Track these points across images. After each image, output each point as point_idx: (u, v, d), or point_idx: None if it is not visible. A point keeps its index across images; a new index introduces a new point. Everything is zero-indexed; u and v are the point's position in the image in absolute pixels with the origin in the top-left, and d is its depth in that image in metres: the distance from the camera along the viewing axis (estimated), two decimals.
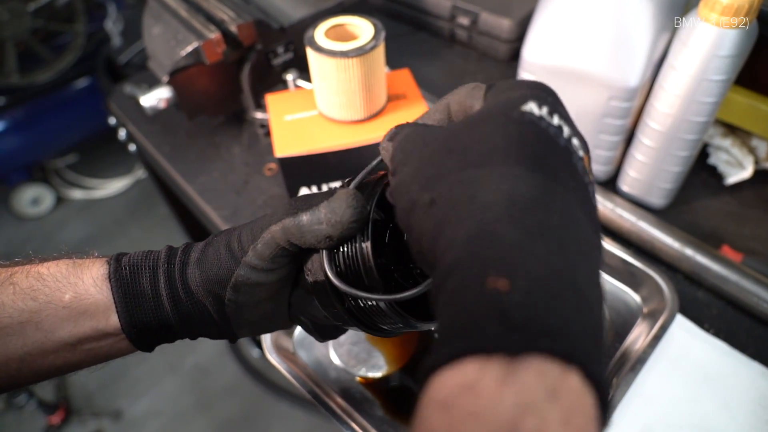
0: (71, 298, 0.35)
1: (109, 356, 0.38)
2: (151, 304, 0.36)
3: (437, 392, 0.20)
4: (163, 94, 0.79)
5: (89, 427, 1.67)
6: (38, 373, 0.36)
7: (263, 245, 0.35)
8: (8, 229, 2.29)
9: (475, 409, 0.18)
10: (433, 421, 0.19)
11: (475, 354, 0.19)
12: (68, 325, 0.35)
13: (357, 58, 0.61)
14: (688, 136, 0.61)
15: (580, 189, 0.25)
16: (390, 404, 0.57)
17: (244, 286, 0.36)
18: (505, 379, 0.19)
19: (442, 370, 0.20)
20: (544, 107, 0.26)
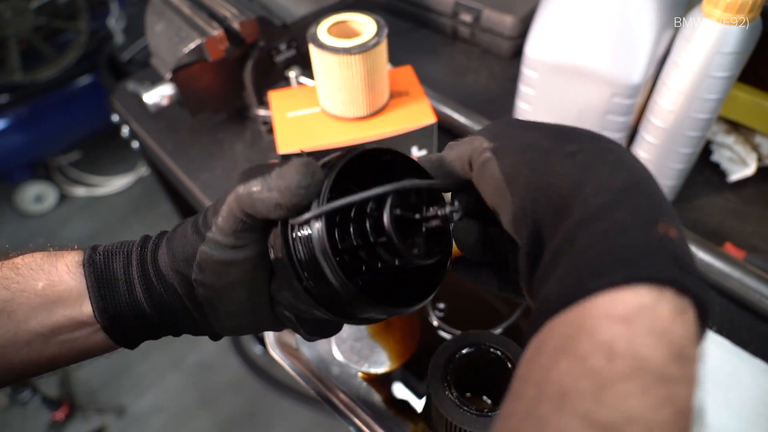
0: (44, 285, 0.34)
1: (87, 350, 0.36)
2: (123, 288, 0.35)
3: (614, 307, 0.22)
4: (166, 91, 0.79)
5: (93, 423, 1.68)
6: (12, 370, 0.34)
7: (222, 219, 0.33)
8: (11, 226, 2.30)
9: (656, 329, 0.21)
10: (612, 330, 0.21)
11: (653, 282, 0.22)
12: (41, 313, 0.34)
13: (360, 54, 0.61)
14: (691, 133, 0.61)
15: None
16: (392, 400, 0.57)
17: (208, 263, 0.33)
18: (680, 311, 0.22)
19: (614, 290, 0.22)
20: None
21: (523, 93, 0.73)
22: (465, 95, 0.89)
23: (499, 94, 0.89)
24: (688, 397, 0.21)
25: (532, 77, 0.70)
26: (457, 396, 0.46)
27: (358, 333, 0.62)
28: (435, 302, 0.64)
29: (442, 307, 0.63)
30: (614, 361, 0.21)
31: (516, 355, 0.48)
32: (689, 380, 0.21)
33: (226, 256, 0.33)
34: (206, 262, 0.33)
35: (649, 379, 0.20)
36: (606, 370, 0.21)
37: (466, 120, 0.80)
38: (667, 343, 0.21)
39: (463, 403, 0.46)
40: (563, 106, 0.69)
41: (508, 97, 0.80)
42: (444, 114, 0.82)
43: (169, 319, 0.36)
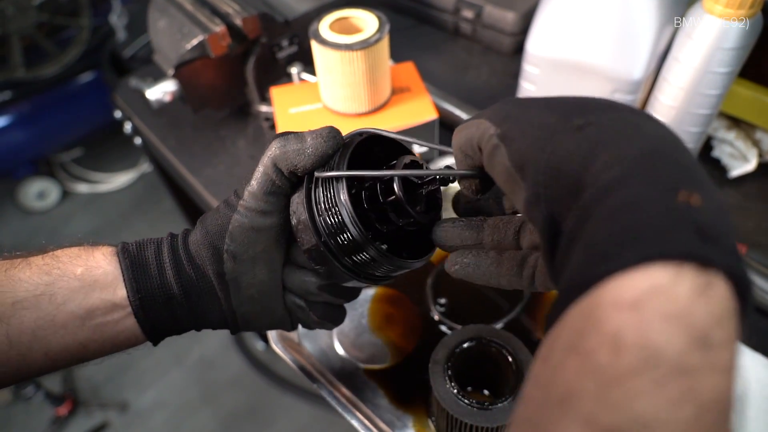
0: (83, 270, 0.37)
1: (117, 339, 0.38)
2: (154, 271, 0.38)
3: (622, 293, 0.19)
4: (169, 87, 0.79)
5: (96, 419, 1.69)
6: (48, 354, 0.36)
7: (256, 181, 0.37)
8: (15, 222, 2.31)
9: (671, 313, 0.18)
10: (618, 319, 0.19)
11: (668, 259, 0.19)
12: (78, 296, 0.36)
13: (361, 50, 0.61)
14: (691, 129, 0.61)
15: None
16: (394, 394, 0.57)
17: (239, 230, 0.37)
18: (703, 288, 0.19)
19: (624, 272, 0.19)
20: None
21: (525, 89, 0.73)
22: (466, 91, 0.89)
23: (501, 91, 0.89)
24: (714, 389, 0.18)
25: (534, 73, 0.70)
26: (457, 389, 0.46)
27: (360, 328, 0.63)
28: (436, 297, 0.64)
29: (443, 302, 0.64)
30: (621, 354, 0.18)
31: (516, 349, 0.49)
32: (716, 369, 0.18)
33: (255, 222, 0.37)
34: (237, 230, 0.38)
35: (662, 372, 0.18)
36: (612, 366, 0.18)
37: (467, 116, 0.80)
38: (686, 327, 0.18)
39: (463, 396, 0.46)
40: None
41: (510, 94, 0.80)
42: (445, 110, 0.82)
43: (195, 303, 0.39)
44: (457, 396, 0.46)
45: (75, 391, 1.74)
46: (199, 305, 0.40)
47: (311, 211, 0.36)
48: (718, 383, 0.18)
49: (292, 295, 0.43)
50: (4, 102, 1.97)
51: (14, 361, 0.35)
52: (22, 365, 0.36)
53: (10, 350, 0.35)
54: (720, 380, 0.18)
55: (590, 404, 0.18)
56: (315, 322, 0.43)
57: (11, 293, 0.35)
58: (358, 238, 0.36)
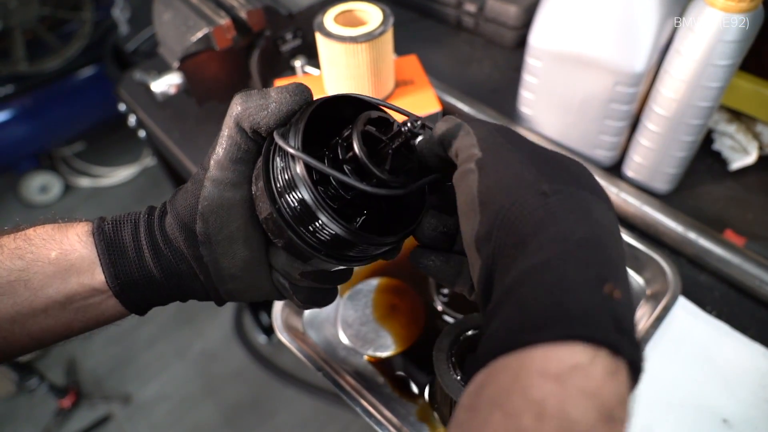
0: (57, 254, 0.35)
1: (101, 317, 0.37)
2: (132, 255, 0.36)
3: (546, 364, 0.23)
4: (174, 80, 0.80)
5: (99, 411, 1.70)
6: (31, 335, 0.35)
7: (221, 147, 0.35)
8: (17, 216, 2.32)
9: (587, 389, 0.22)
10: (543, 389, 0.22)
11: (589, 342, 0.23)
12: (56, 281, 0.35)
13: (366, 43, 0.61)
14: (693, 121, 0.62)
15: None
16: (397, 383, 0.58)
17: (209, 209, 0.35)
18: (612, 371, 0.23)
19: (552, 344, 0.23)
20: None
21: (527, 82, 0.74)
22: (469, 85, 0.89)
23: (503, 84, 0.90)
24: None
25: (536, 66, 0.71)
26: (461, 376, 0.47)
27: (364, 318, 0.64)
28: (439, 288, 0.65)
29: (446, 292, 0.64)
30: (543, 421, 0.21)
31: None
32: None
33: (225, 196, 0.35)
34: (207, 209, 0.35)
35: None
36: (534, 430, 0.21)
37: (470, 109, 0.81)
38: (598, 405, 0.22)
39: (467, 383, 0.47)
40: (566, 95, 0.70)
41: (512, 87, 0.80)
42: (448, 103, 0.82)
43: (177, 283, 0.38)
44: (461, 383, 0.47)
45: (78, 384, 1.75)
46: (181, 285, 0.38)
47: (267, 175, 0.33)
48: None
49: (277, 274, 0.40)
50: (7, 96, 1.97)
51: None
52: (5, 347, 0.35)
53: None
54: None
55: None
56: (299, 305, 0.41)
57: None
58: (309, 199, 0.32)
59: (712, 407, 0.54)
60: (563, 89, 0.70)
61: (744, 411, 0.54)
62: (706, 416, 0.54)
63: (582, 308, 0.23)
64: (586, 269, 0.25)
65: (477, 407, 0.24)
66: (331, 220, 0.32)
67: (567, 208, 0.27)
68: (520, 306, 0.25)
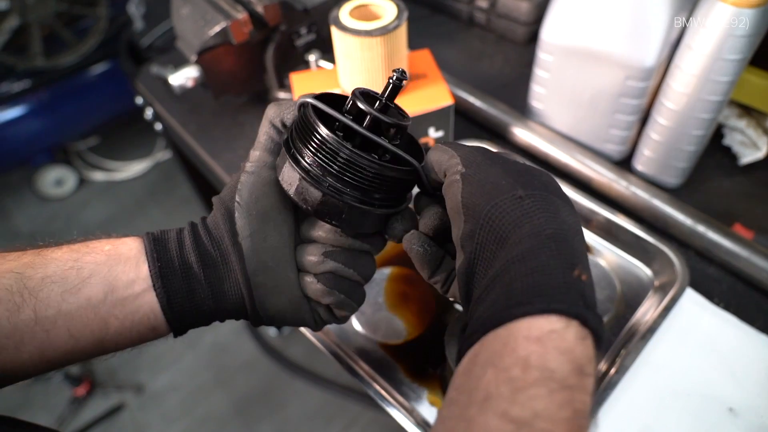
0: (110, 248, 0.39)
1: (136, 314, 0.38)
2: (174, 245, 0.40)
3: (530, 330, 0.28)
4: (191, 73, 0.82)
5: (112, 400, 1.73)
6: (71, 332, 0.37)
7: (258, 143, 0.41)
8: (32, 209, 2.36)
9: (562, 348, 0.27)
10: (528, 348, 0.27)
11: (563, 314, 0.28)
12: (104, 269, 0.38)
13: (381, 37, 0.63)
14: (702, 115, 0.63)
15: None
16: (410, 368, 0.60)
17: (246, 185, 0.40)
18: (581, 337, 0.28)
19: (533, 316, 0.28)
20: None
21: (538, 77, 0.75)
22: (480, 80, 0.91)
23: (514, 79, 0.91)
24: (585, 402, 0.26)
25: (548, 61, 0.72)
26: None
27: (376, 306, 0.65)
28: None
29: None
30: (528, 371, 0.26)
31: None
32: (586, 390, 0.27)
33: (261, 174, 0.41)
34: (245, 185, 0.41)
35: (554, 386, 0.26)
36: (521, 379, 0.26)
37: (481, 104, 0.82)
38: (571, 359, 0.27)
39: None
40: (577, 90, 0.71)
41: (523, 82, 0.81)
42: (460, 97, 0.84)
43: (211, 274, 0.40)
44: None
45: (92, 373, 1.79)
46: (215, 276, 0.40)
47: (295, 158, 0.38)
48: (586, 399, 0.27)
49: (304, 273, 0.43)
50: (24, 90, 2.00)
51: (39, 339, 0.36)
52: (46, 344, 0.36)
53: (36, 326, 0.36)
54: (587, 398, 0.27)
55: (504, 403, 0.26)
56: (323, 293, 0.42)
57: (42, 269, 0.37)
58: (329, 137, 0.37)
59: (718, 396, 0.55)
60: (574, 84, 0.71)
61: (750, 400, 0.55)
62: (713, 405, 0.55)
63: (557, 287, 0.29)
64: (558, 257, 0.30)
65: (472, 370, 0.29)
66: (351, 152, 0.37)
67: (539, 209, 0.33)
68: (506, 289, 0.30)
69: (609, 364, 0.56)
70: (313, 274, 0.42)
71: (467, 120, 0.85)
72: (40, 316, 0.36)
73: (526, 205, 0.33)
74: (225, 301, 0.41)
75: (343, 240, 0.42)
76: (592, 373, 0.28)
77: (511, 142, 0.80)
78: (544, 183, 0.35)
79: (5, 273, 0.36)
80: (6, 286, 0.35)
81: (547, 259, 0.30)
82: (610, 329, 0.61)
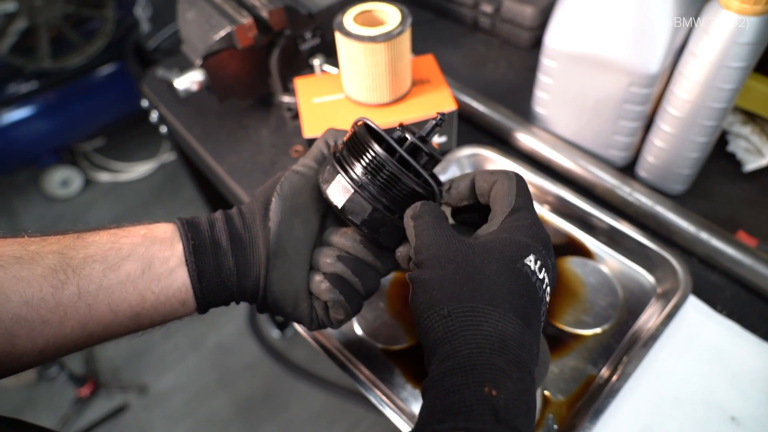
0: (145, 231, 0.42)
1: (170, 288, 0.41)
2: (206, 226, 0.44)
3: None
4: (196, 77, 0.82)
5: (116, 400, 1.74)
6: (111, 305, 0.39)
7: (309, 152, 0.48)
8: (39, 209, 2.37)
9: None
10: None
11: (470, 431, 0.30)
12: (141, 248, 0.41)
13: (384, 42, 0.63)
14: (706, 122, 0.62)
15: (539, 328, 0.38)
16: (410, 373, 0.60)
17: (289, 179, 0.46)
18: None
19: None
20: (538, 261, 0.38)
21: (542, 82, 0.75)
22: (484, 85, 0.91)
23: (518, 84, 0.91)
24: None
25: (551, 67, 0.72)
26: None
27: (378, 311, 0.65)
28: None
29: None
30: None
31: None
32: None
33: (305, 171, 0.46)
34: (287, 179, 0.46)
35: None
36: None
37: (484, 109, 0.82)
38: None
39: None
40: (581, 96, 0.71)
41: (527, 87, 0.81)
42: (463, 102, 0.84)
43: (238, 251, 0.44)
44: None
45: (96, 374, 1.80)
46: (242, 255, 0.44)
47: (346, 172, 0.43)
48: None
49: (314, 271, 0.47)
50: (31, 92, 2.02)
51: (81, 313, 0.38)
52: (87, 318, 0.39)
53: (79, 300, 0.38)
54: None
55: None
56: (326, 289, 0.46)
57: (83, 250, 0.39)
58: (380, 153, 0.42)
59: (720, 404, 0.55)
60: (578, 89, 0.71)
61: (752, 409, 0.54)
62: (715, 413, 0.54)
63: (468, 405, 0.32)
64: (469, 376, 0.33)
65: None
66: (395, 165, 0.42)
67: (460, 327, 0.35)
68: (430, 404, 0.33)
69: (611, 371, 0.56)
70: (323, 273, 0.46)
71: (471, 125, 0.85)
72: (83, 291, 0.38)
73: (448, 324, 0.35)
74: (247, 278, 0.44)
75: (360, 249, 0.46)
76: None
77: (515, 148, 0.80)
78: (482, 291, 0.36)
79: (48, 254, 0.38)
80: (50, 265, 0.38)
81: (460, 381, 0.33)
82: (613, 336, 0.61)
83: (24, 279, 0.37)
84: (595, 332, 0.61)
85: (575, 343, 0.60)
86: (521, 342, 0.35)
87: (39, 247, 0.38)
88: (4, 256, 0.37)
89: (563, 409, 0.56)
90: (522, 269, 0.37)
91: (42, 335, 0.37)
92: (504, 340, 0.34)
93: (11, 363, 0.37)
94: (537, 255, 0.38)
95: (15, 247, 0.38)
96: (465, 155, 0.76)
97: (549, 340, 0.51)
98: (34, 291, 0.37)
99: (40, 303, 0.37)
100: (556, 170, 0.76)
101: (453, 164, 0.76)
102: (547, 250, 0.40)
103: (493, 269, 0.37)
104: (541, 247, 0.39)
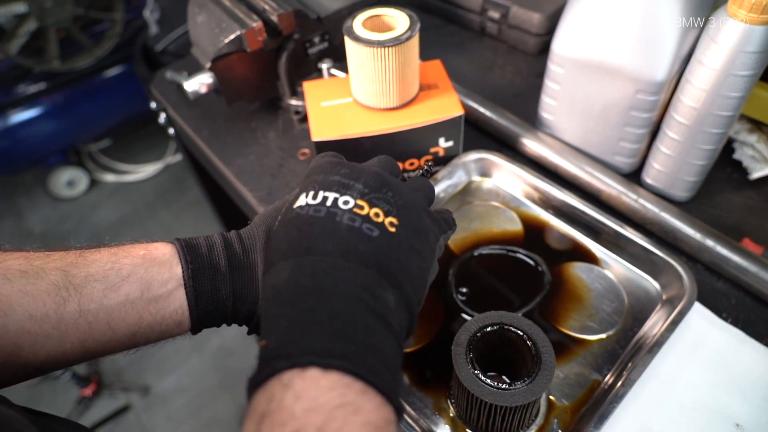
0: (144, 252, 0.42)
1: (167, 310, 0.42)
2: (205, 250, 0.44)
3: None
4: (205, 79, 0.83)
5: (119, 401, 1.74)
6: (110, 323, 0.40)
7: None
8: (45, 209, 2.39)
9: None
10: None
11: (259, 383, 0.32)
12: (140, 269, 0.41)
13: (393, 47, 0.63)
14: (713, 130, 0.63)
15: (337, 240, 0.37)
16: (415, 376, 0.60)
17: (289, 210, 0.44)
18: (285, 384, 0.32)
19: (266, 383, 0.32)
20: (310, 192, 0.40)
21: (549, 88, 0.75)
22: (491, 90, 0.91)
23: (525, 89, 0.91)
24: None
25: (558, 73, 0.72)
26: (479, 370, 0.49)
27: None
28: (458, 286, 0.67)
29: (464, 291, 0.66)
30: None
31: (535, 336, 0.51)
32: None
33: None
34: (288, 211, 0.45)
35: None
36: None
37: (491, 114, 0.83)
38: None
39: (484, 377, 0.48)
40: (588, 102, 0.71)
41: (534, 93, 0.82)
42: (470, 107, 0.84)
43: (237, 277, 0.43)
44: (478, 377, 0.49)
45: (99, 374, 1.80)
46: (240, 279, 0.44)
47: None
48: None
49: None
50: (39, 92, 2.04)
51: (81, 330, 0.39)
52: (87, 335, 0.39)
53: (79, 318, 0.39)
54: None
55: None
56: None
57: (85, 268, 0.40)
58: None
59: (725, 411, 0.55)
60: (584, 96, 0.71)
61: (757, 416, 0.54)
62: (719, 420, 0.54)
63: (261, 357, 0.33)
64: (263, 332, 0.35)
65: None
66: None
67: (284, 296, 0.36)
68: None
69: (616, 377, 0.56)
70: None
71: (477, 130, 0.86)
72: (84, 309, 0.39)
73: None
74: (243, 303, 0.44)
75: None
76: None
77: (521, 153, 0.81)
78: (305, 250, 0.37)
79: (52, 270, 0.39)
80: (54, 282, 0.38)
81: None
82: (618, 342, 0.61)
83: (29, 293, 0.37)
84: (600, 338, 0.61)
85: (580, 349, 0.60)
86: (293, 278, 0.36)
87: (43, 263, 0.39)
88: (11, 269, 0.38)
89: (567, 414, 0.56)
90: (289, 215, 0.40)
91: (44, 348, 0.38)
92: (276, 288, 0.36)
93: (17, 371, 0.38)
94: (306, 190, 0.40)
95: (21, 260, 0.39)
96: (471, 160, 0.76)
97: (554, 345, 0.51)
98: (38, 306, 0.37)
99: (44, 318, 0.38)
100: (562, 176, 0.76)
101: (459, 168, 0.76)
102: (323, 174, 0.41)
103: (280, 230, 0.41)
104: (314, 179, 0.41)
